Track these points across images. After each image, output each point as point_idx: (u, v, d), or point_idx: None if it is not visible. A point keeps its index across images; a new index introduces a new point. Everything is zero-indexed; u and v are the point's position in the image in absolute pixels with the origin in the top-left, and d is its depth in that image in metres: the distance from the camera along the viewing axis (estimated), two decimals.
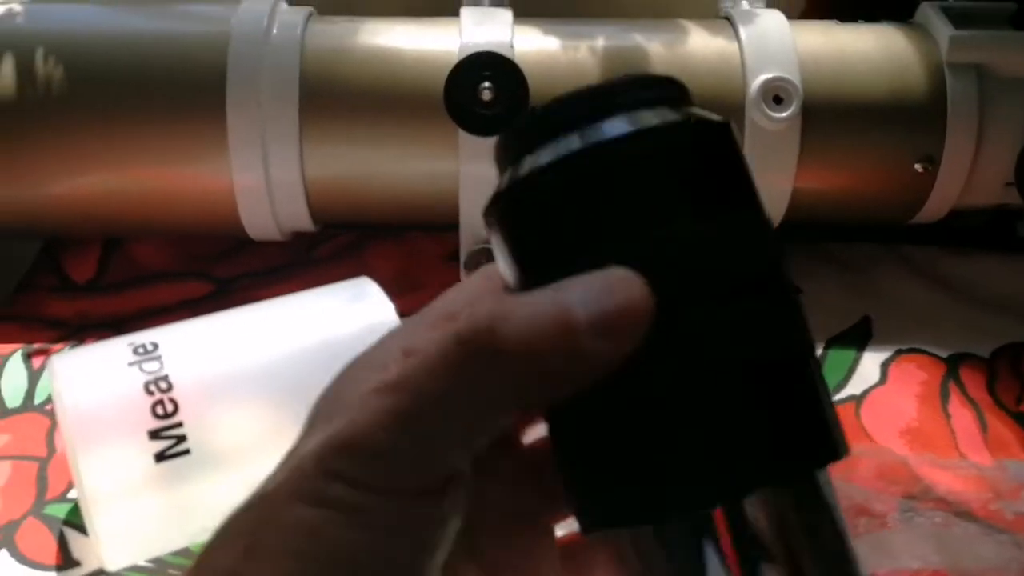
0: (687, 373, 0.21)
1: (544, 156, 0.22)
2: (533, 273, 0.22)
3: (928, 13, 0.58)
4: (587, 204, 0.22)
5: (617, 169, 0.22)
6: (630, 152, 0.22)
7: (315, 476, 0.21)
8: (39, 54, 0.54)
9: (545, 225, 0.22)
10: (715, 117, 0.24)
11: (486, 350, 0.21)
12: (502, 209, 0.24)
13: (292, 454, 0.23)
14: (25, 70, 0.54)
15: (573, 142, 0.22)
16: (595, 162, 0.22)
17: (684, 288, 0.21)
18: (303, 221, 0.58)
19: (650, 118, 0.22)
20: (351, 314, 0.45)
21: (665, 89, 0.24)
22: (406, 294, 0.45)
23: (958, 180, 0.56)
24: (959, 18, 0.56)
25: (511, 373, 0.21)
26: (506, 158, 0.24)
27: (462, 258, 0.58)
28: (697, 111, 0.24)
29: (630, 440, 0.22)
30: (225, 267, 0.61)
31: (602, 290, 0.21)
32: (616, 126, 0.22)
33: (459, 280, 0.57)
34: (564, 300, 0.21)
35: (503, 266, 0.24)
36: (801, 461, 0.22)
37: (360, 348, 0.44)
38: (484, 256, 0.57)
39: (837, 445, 0.23)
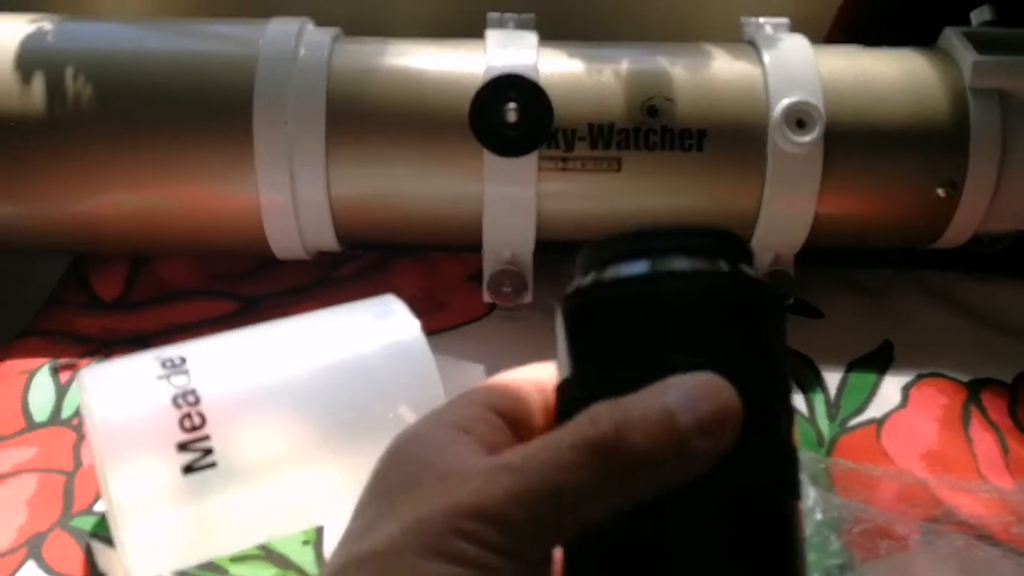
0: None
1: (631, 269, 0.26)
2: (598, 366, 0.26)
3: (951, 38, 0.58)
4: (650, 321, 0.26)
5: (685, 299, 0.26)
6: (699, 289, 0.26)
7: (447, 535, 0.24)
8: (69, 72, 0.55)
9: (621, 327, 0.26)
10: (753, 277, 0.27)
11: (615, 454, 0.24)
12: (583, 305, 0.27)
13: (384, 515, 0.25)
14: (55, 88, 0.55)
15: (656, 265, 0.26)
16: (667, 289, 0.26)
17: None
18: (328, 240, 0.58)
19: (718, 265, 0.26)
20: (377, 331, 0.46)
21: (733, 245, 0.27)
22: (429, 314, 0.45)
23: (980, 205, 0.56)
24: (982, 43, 0.56)
25: (632, 474, 0.24)
26: (593, 261, 0.27)
27: (485, 279, 0.58)
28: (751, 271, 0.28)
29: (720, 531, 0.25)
30: (250, 286, 0.62)
31: (700, 394, 0.24)
32: (685, 263, 0.26)
33: (480, 300, 0.58)
34: (667, 405, 0.24)
35: (566, 352, 0.27)
36: None
37: (385, 364, 0.45)
38: (505, 277, 0.58)
39: None
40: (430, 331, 0.46)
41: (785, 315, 0.28)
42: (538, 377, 0.29)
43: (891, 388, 0.55)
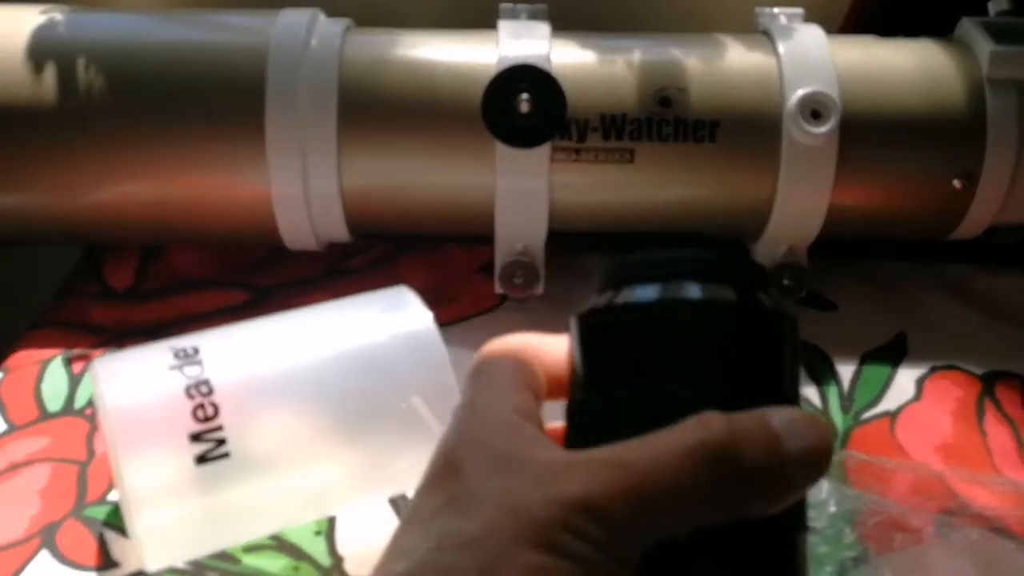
0: None
1: (641, 295, 0.27)
2: (607, 383, 0.27)
3: (968, 28, 0.58)
4: (657, 348, 0.26)
5: (691, 329, 0.27)
6: (706, 319, 0.27)
7: (551, 526, 0.23)
8: (80, 63, 0.55)
9: (629, 352, 0.27)
10: (772, 309, 0.28)
11: (729, 464, 0.24)
12: (595, 325, 0.28)
13: (470, 498, 0.25)
14: (66, 79, 0.55)
15: (666, 292, 0.27)
16: (673, 318, 0.27)
17: None
18: (339, 231, 0.58)
19: (726, 293, 0.27)
20: (390, 321, 0.45)
21: (747, 268, 0.28)
22: (440, 305, 0.45)
23: (997, 197, 0.56)
24: (1000, 34, 0.56)
25: (741, 488, 0.24)
26: (609, 281, 0.28)
27: (496, 270, 0.58)
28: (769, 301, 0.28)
29: None
30: (261, 276, 0.62)
31: (803, 426, 0.25)
32: (694, 291, 0.27)
33: (492, 292, 0.57)
34: (776, 430, 0.25)
35: (580, 361, 0.28)
36: None
37: (398, 355, 0.45)
38: (517, 268, 0.58)
39: None
40: (441, 323, 0.46)
41: (797, 339, 0.28)
42: (543, 348, 0.30)
43: (905, 380, 0.55)
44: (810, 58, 0.55)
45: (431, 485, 0.26)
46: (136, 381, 0.42)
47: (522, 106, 0.52)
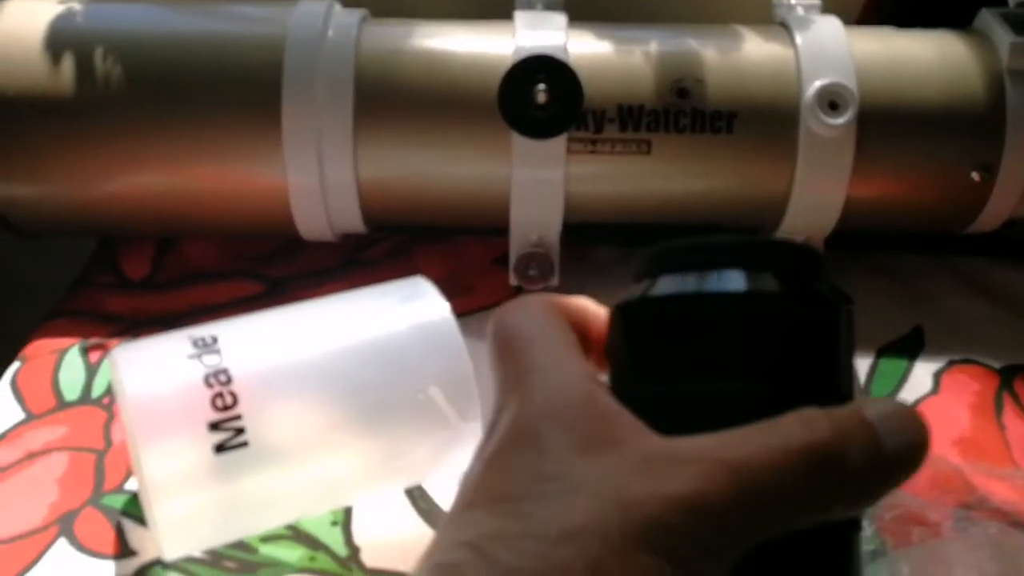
0: None
1: (680, 286, 0.26)
2: (648, 375, 0.26)
3: (988, 19, 0.57)
4: (697, 342, 0.25)
5: (733, 321, 0.25)
6: (748, 311, 0.25)
7: (665, 528, 0.22)
8: (98, 53, 0.55)
9: (669, 345, 0.26)
10: (827, 298, 0.26)
11: (836, 467, 0.23)
12: (633, 317, 0.27)
13: (567, 473, 0.23)
14: (84, 69, 0.55)
15: (700, 283, 0.26)
16: (716, 310, 0.26)
17: None
18: (355, 222, 0.58)
19: (770, 284, 0.26)
20: (407, 312, 0.45)
21: (793, 257, 0.27)
22: (455, 297, 0.45)
23: (1016, 189, 0.56)
24: (1020, 24, 0.56)
25: (846, 491, 0.23)
26: (647, 271, 0.27)
27: (511, 262, 0.58)
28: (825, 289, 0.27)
29: None
30: (276, 267, 0.62)
31: (900, 423, 0.24)
32: (737, 282, 0.26)
33: (507, 283, 0.57)
34: (875, 429, 0.24)
35: (623, 351, 0.27)
36: None
37: (415, 345, 0.44)
38: (532, 260, 0.57)
39: None
40: (455, 314, 0.46)
41: (852, 326, 0.27)
42: (588, 313, 0.28)
43: (922, 374, 0.54)
44: (828, 49, 0.55)
45: (502, 458, 0.24)
46: (155, 370, 0.42)
47: (539, 97, 0.52)
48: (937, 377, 0.54)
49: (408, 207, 0.58)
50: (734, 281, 0.26)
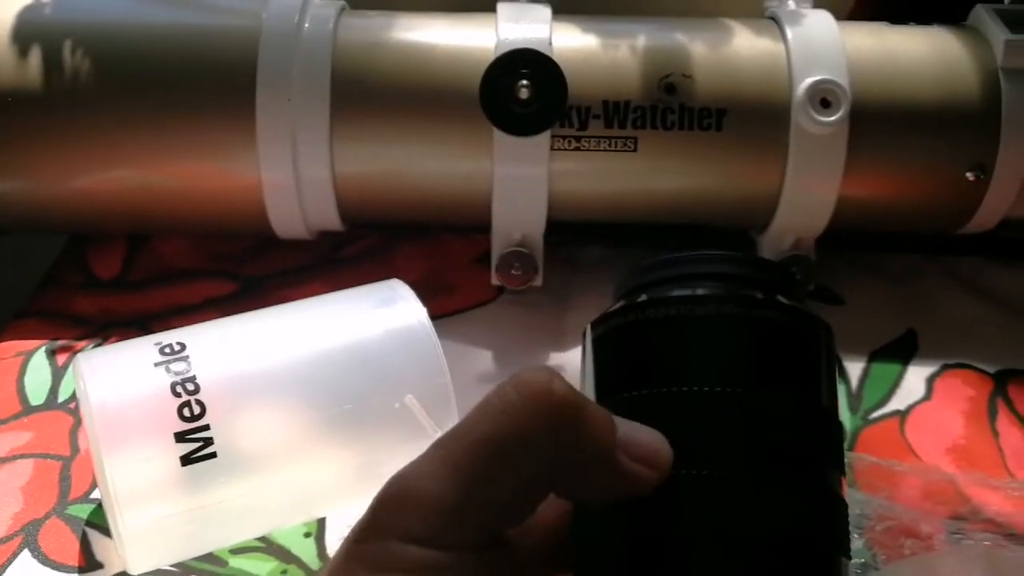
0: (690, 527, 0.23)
1: (661, 293, 0.25)
2: (619, 383, 0.25)
3: (982, 16, 0.56)
4: (676, 350, 0.25)
5: (718, 326, 0.24)
6: (733, 316, 0.25)
7: (380, 540, 0.21)
8: (67, 46, 0.54)
9: (647, 355, 0.25)
10: (804, 311, 0.26)
11: (542, 396, 0.22)
12: (608, 331, 0.26)
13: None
14: (52, 62, 0.53)
15: (685, 290, 0.25)
16: (697, 315, 0.25)
17: (711, 449, 0.24)
18: (332, 220, 0.57)
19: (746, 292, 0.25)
20: (382, 317, 0.44)
21: (772, 272, 0.26)
22: (435, 297, 0.44)
23: (1011, 189, 0.54)
24: (1015, 21, 0.55)
25: (560, 424, 0.22)
26: (622, 288, 0.27)
27: (493, 260, 0.56)
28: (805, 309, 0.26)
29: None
30: (251, 266, 0.60)
31: (641, 431, 0.23)
32: (716, 289, 0.25)
33: (489, 283, 0.56)
34: (612, 419, 0.23)
35: (592, 380, 0.26)
36: None
37: (391, 352, 0.43)
38: (515, 259, 0.56)
39: None
40: (435, 315, 0.44)
41: (832, 347, 0.26)
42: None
43: (915, 379, 0.53)
44: (819, 45, 0.54)
45: None
46: (120, 378, 0.41)
47: (521, 92, 0.51)
48: (930, 382, 0.53)
49: (387, 204, 0.57)
50: (713, 288, 0.25)
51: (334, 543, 0.44)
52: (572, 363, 0.53)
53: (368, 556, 0.21)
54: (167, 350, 0.41)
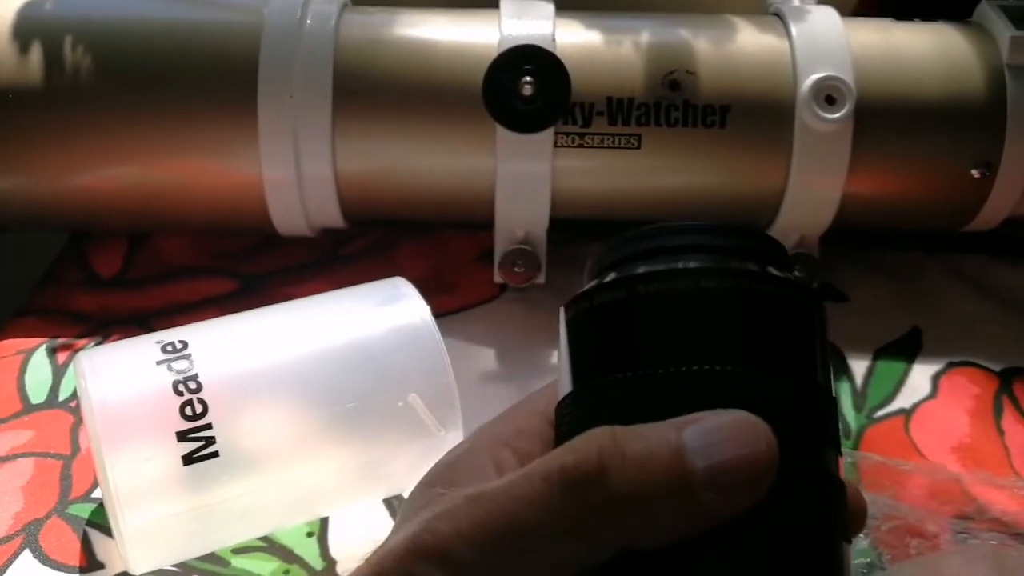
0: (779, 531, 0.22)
1: (641, 269, 0.24)
2: (599, 384, 0.23)
3: (987, 12, 0.56)
4: (661, 328, 0.23)
5: (708, 301, 0.23)
6: (724, 290, 0.23)
7: (405, 570, 0.21)
8: (67, 42, 0.53)
9: (625, 336, 0.23)
10: (800, 281, 0.24)
11: (593, 490, 0.20)
12: (583, 311, 0.24)
13: (383, 545, 0.23)
14: (53, 58, 0.53)
15: (672, 263, 0.23)
16: (686, 289, 0.23)
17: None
18: (334, 217, 0.57)
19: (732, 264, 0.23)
20: (385, 315, 0.44)
21: (761, 243, 0.25)
22: (438, 294, 0.44)
23: (1016, 187, 0.54)
24: (1020, 18, 0.54)
25: (616, 516, 0.20)
26: (600, 264, 0.25)
27: (496, 258, 0.56)
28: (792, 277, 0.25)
29: None
30: (252, 264, 0.60)
31: (724, 436, 0.21)
32: (705, 261, 0.23)
33: (491, 281, 0.56)
34: (680, 443, 0.20)
35: (568, 366, 0.24)
36: None
37: (394, 351, 0.42)
38: (518, 256, 0.56)
39: None
40: (438, 313, 0.44)
41: (825, 322, 0.24)
42: None
43: (920, 377, 0.53)
44: (824, 41, 0.54)
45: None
46: (122, 376, 0.41)
47: (524, 89, 0.51)
48: (935, 380, 0.53)
49: (388, 201, 0.57)
50: (700, 260, 0.23)
51: (336, 543, 0.44)
52: None
53: None
54: (169, 348, 0.41)
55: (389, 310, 0.44)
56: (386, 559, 0.21)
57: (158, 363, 0.41)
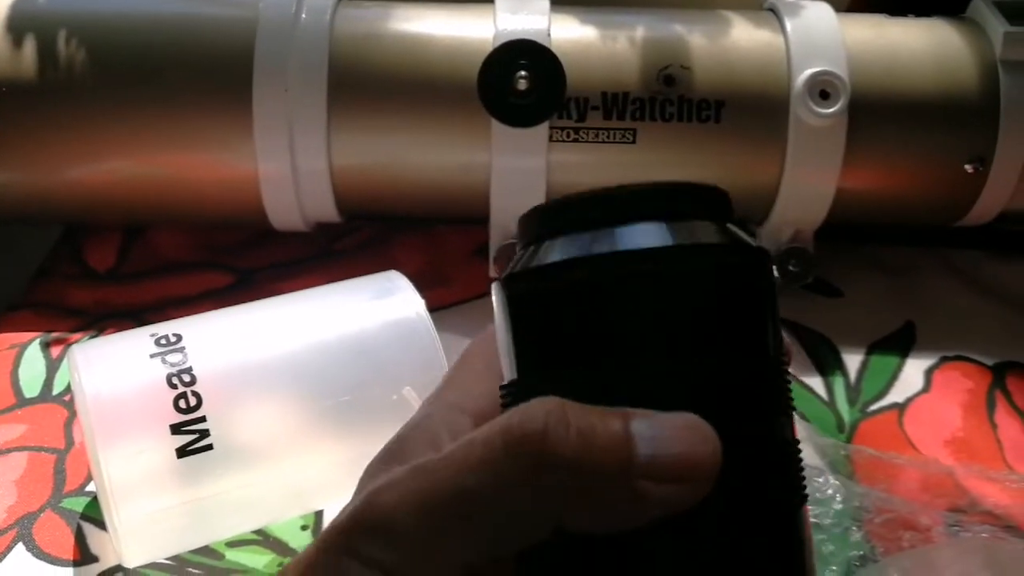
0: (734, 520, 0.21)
1: (567, 250, 0.22)
2: (545, 372, 0.22)
3: (981, 8, 0.56)
4: (602, 315, 0.21)
5: (654, 283, 0.21)
6: (654, 270, 0.22)
7: (337, 553, 0.21)
8: (61, 36, 0.53)
9: (567, 322, 0.22)
10: (752, 244, 0.23)
11: (535, 449, 0.20)
12: (524, 292, 0.23)
13: (339, 514, 0.22)
14: (47, 52, 0.53)
15: (598, 245, 0.22)
16: (625, 271, 0.22)
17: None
18: (328, 211, 0.57)
19: (690, 234, 0.22)
20: (380, 309, 0.44)
21: (710, 201, 0.23)
22: (433, 288, 0.44)
23: (1010, 182, 0.54)
24: (1014, 13, 0.54)
25: (556, 479, 0.20)
26: (531, 234, 0.23)
27: (491, 253, 0.56)
28: (736, 235, 0.23)
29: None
30: (247, 258, 0.60)
31: (671, 433, 0.20)
32: (651, 235, 0.22)
33: (486, 276, 0.56)
34: (628, 429, 0.20)
35: (510, 350, 0.23)
36: None
37: (389, 344, 0.42)
38: (513, 251, 0.56)
39: None
40: (433, 307, 0.44)
41: (772, 277, 0.23)
42: None
43: (914, 371, 0.53)
44: (818, 36, 0.54)
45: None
46: (116, 369, 0.41)
47: (519, 83, 0.51)
48: (929, 375, 0.53)
49: (384, 196, 0.57)
50: (638, 235, 0.22)
51: None
52: None
53: (332, 570, 0.21)
54: (163, 341, 0.41)
55: (384, 304, 0.44)
56: (330, 534, 0.21)
57: (152, 356, 0.41)
